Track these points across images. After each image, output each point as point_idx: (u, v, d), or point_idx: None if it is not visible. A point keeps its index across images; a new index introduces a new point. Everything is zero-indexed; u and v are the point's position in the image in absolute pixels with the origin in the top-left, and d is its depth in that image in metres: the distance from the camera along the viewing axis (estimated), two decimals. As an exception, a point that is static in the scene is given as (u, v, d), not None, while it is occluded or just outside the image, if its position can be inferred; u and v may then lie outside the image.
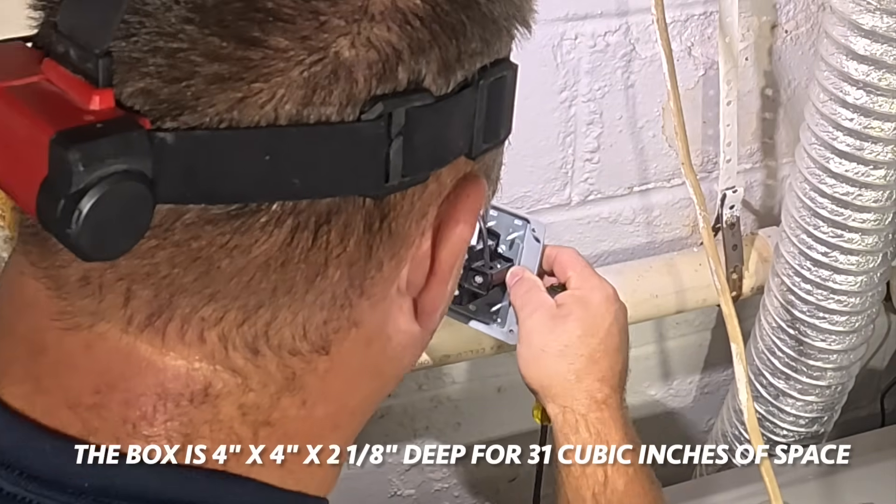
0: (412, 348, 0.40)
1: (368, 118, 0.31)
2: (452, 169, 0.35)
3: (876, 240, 0.89)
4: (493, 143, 0.36)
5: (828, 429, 1.06)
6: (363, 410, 0.40)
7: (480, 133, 0.35)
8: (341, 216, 0.32)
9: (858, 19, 0.77)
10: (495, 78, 0.35)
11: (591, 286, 0.76)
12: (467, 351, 0.97)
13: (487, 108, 0.35)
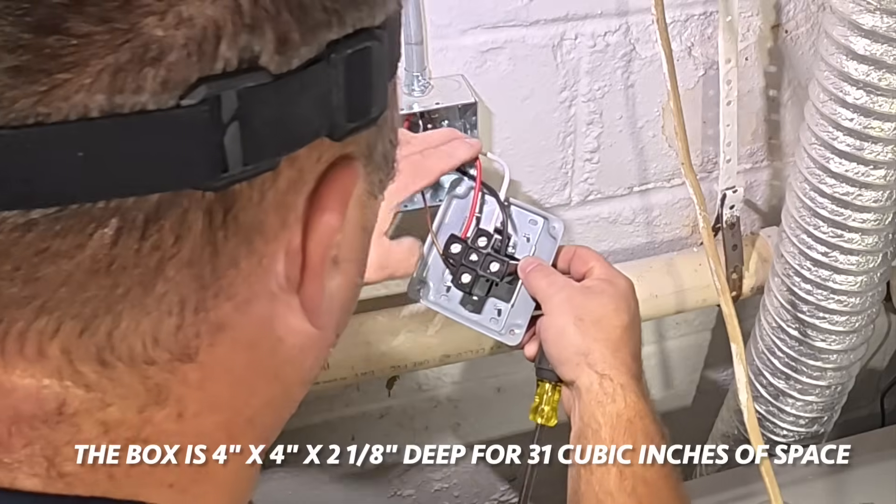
0: (313, 350, 0.38)
1: (190, 103, 0.28)
2: (314, 153, 0.32)
3: (876, 240, 0.89)
4: (362, 121, 0.33)
5: (828, 429, 1.06)
6: (266, 418, 0.38)
7: (342, 111, 0.32)
8: (174, 212, 0.29)
9: (858, 19, 0.77)
10: (354, 50, 0.31)
11: (615, 273, 0.79)
12: (467, 351, 0.97)
13: (347, 83, 0.31)
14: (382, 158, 0.36)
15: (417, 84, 0.85)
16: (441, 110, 0.85)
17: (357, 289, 0.40)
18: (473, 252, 0.79)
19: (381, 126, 0.35)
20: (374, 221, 0.39)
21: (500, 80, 0.90)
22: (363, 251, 0.39)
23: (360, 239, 0.38)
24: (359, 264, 0.39)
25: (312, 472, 1.16)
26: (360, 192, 0.35)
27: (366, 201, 0.37)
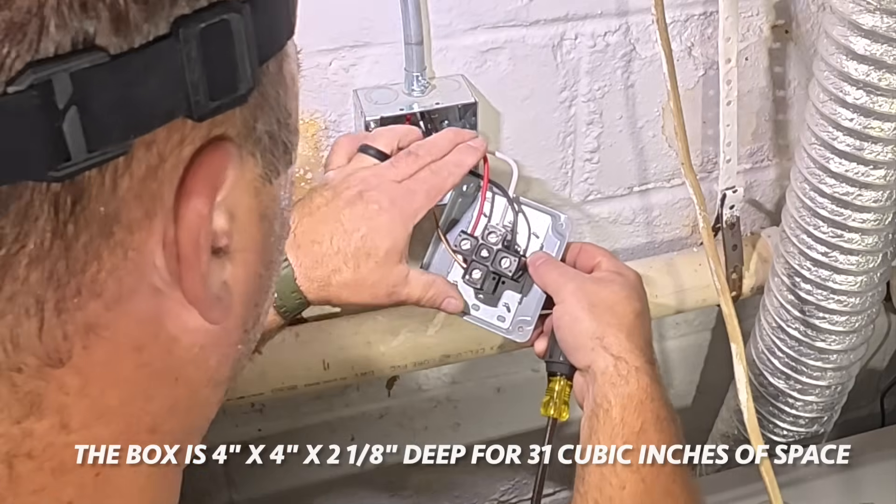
0: (217, 348, 0.36)
1: (17, 90, 0.26)
2: (174, 135, 0.30)
3: (876, 240, 0.89)
4: (227, 98, 0.31)
5: (828, 429, 1.06)
6: (172, 423, 0.36)
7: (201, 89, 0.30)
8: (16, 205, 0.28)
9: (858, 19, 0.77)
10: (209, 24, 0.29)
11: (623, 266, 0.80)
12: (467, 351, 0.97)
13: (204, 59, 0.29)
14: (270, 140, 0.34)
15: (417, 84, 0.85)
16: (441, 110, 0.85)
17: (266, 281, 0.37)
18: (484, 248, 0.79)
19: (261, 104, 0.33)
20: (278, 208, 0.37)
21: (500, 80, 0.90)
22: (266, 240, 0.36)
23: (259, 227, 0.35)
24: (262, 254, 0.36)
25: (312, 472, 1.16)
26: (251, 176, 0.34)
27: (260, 187, 0.35)
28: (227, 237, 0.33)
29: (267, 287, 0.38)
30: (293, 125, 0.36)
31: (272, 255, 0.38)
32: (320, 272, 0.74)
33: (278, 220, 0.37)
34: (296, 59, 0.37)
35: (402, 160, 0.77)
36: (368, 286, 0.75)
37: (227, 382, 0.38)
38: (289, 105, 0.35)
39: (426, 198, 0.76)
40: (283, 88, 0.35)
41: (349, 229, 0.74)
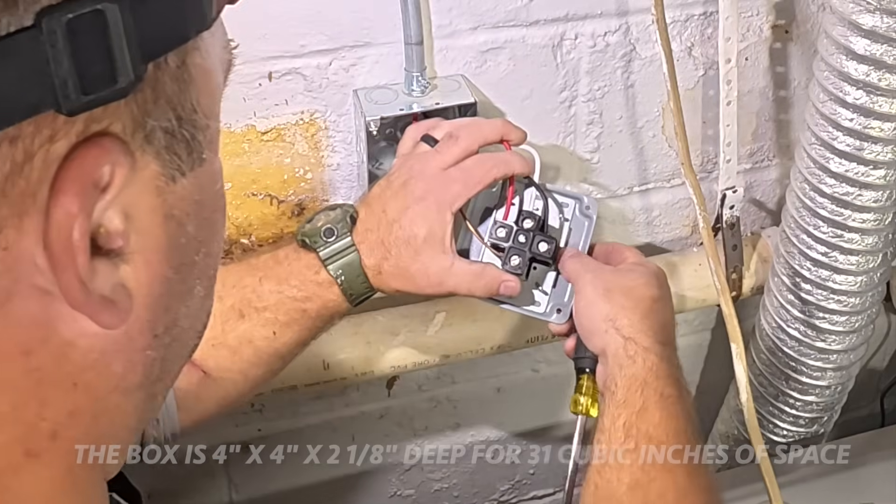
0: (118, 353, 0.34)
1: None
2: (43, 130, 0.29)
3: (876, 240, 0.89)
4: (104, 92, 0.30)
5: (828, 429, 1.06)
6: (76, 430, 0.34)
7: (71, 83, 0.29)
8: None
9: (858, 19, 0.77)
10: (79, 14, 0.28)
11: (647, 260, 0.81)
12: (467, 351, 0.97)
13: (74, 51, 0.28)
14: (168, 136, 0.33)
15: (417, 84, 0.85)
16: (441, 110, 0.85)
17: (178, 285, 0.36)
18: (521, 233, 0.80)
19: (153, 99, 0.32)
20: (191, 208, 0.35)
21: (500, 81, 0.90)
22: (174, 242, 0.35)
23: (163, 228, 0.34)
24: (170, 256, 0.35)
25: (313, 472, 1.16)
26: (149, 175, 0.33)
27: (163, 186, 0.33)
28: (121, 238, 0.32)
29: (181, 291, 0.37)
30: (201, 121, 0.35)
31: (185, 257, 0.36)
32: (373, 260, 0.75)
33: (193, 220, 0.36)
34: (216, 53, 0.36)
35: (444, 145, 0.78)
36: (412, 275, 0.76)
37: (147, 387, 0.37)
38: (195, 100, 0.34)
39: (464, 187, 0.76)
40: (186, 84, 0.33)
41: (391, 219, 0.75)
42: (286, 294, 0.75)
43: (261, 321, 0.75)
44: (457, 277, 0.76)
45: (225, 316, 0.75)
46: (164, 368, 0.38)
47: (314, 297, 0.75)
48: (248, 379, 0.77)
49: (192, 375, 0.74)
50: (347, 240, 0.75)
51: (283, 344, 0.77)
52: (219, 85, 0.37)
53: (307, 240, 0.76)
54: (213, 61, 0.36)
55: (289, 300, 0.75)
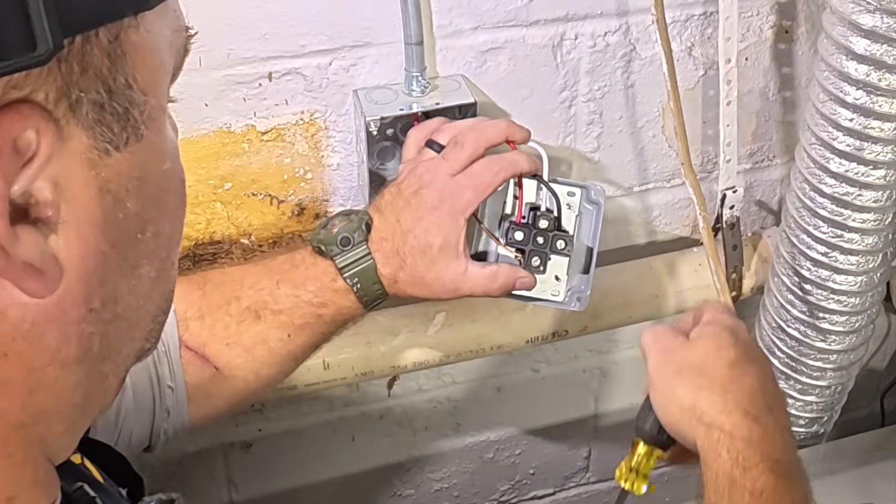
0: (50, 324, 0.34)
1: None
2: None
3: (876, 240, 0.89)
4: (22, 59, 0.30)
5: (828, 429, 1.06)
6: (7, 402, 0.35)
7: None
8: None
9: (858, 19, 0.77)
10: None
11: (720, 312, 0.74)
12: (467, 351, 0.97)
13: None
14: (98, 108, 0.33)
15: (417, 84, 0.85)
16: (441, 110, 0.85)
17: (114, 260, 0.36)
18: (539, 235, 0.80)
19: (80, 71, 0.32)
20: (132, 184, 0.36)
21: (500, 81, 0.90)
22: (110, 216, 0.35)
23: (97, 201, 0.34)
24: (106, 230, 0.35)
25: (313, 472, 1.16)
26: (80, 147, 0.33)
27: (96, 159, 0.34)
28: (51, 208, 0.33)
29: (121, 266, 0.37)
30: (137, 97, 0.35)
31: (125, 233, 0.36)
32: (389, 270, 0.76)
33: (134, 197, 0.36)
34: (163, 35, 0.36)
35: (451, 152, 0.78)
36: (428, 283, 0.77)
37: (89, 364, 0.37)
38: (129, 76, 0.34)
39: (475, 193, 0.77)
40: (119, 59, 0.34)
41: (404, 229, 0.76)
42: (303, 299, 0.76)
43: (276, 323, 0.76)
44: (472, 282, 0.77)
45: (241, 316, 0.76)
46: (108, 346, 0.38)
47: (330, 303, 0.76)
48: (260, 378, 0.78)
49: (205, 371, 0.75)
50: (363, 248, 0.76)
51: (297, 346, 0.78)
52: (162, 64, 0.37)
53: (323, 247, 0.76)
54: (157, 41, 0.36)
55: (305, 304, 0.76)
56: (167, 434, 0.75)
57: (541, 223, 0.81)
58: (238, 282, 0.77)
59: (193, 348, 0.74)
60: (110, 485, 0.50)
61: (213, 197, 0.89)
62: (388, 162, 0.87)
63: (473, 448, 1.23)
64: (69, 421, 0.38)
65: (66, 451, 0.39)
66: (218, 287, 0.77)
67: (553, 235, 0.80)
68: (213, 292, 0.76)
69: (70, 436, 0.39)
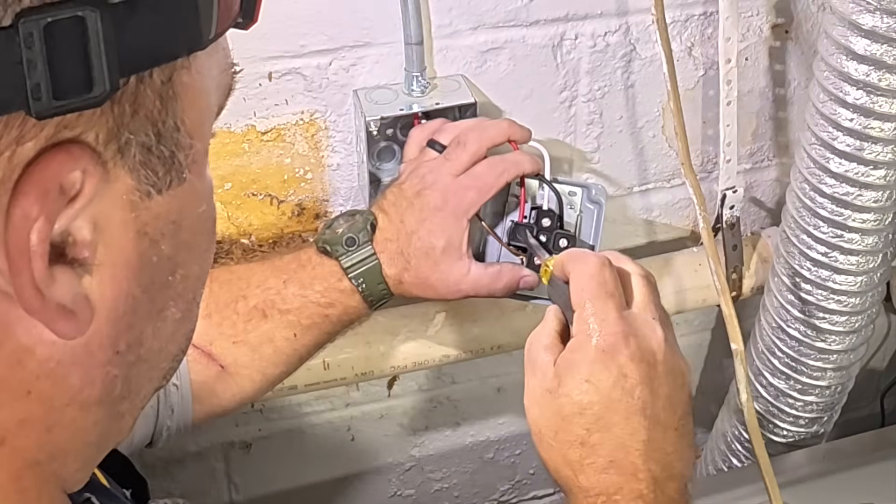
0: (75, 366, 0.34)
1: None
2: (11, 131, 0.29)
3: (876, 240, 0.89)
4: (77, 100, 0.29)
5: (828, 429, 1.06)
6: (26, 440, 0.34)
7: (44, 86, 0.28)
8: None
9: (858, 19, 0.77)
10: (58, 19, 0.28)
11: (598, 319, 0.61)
12: (467, 351, 0.97)
13: (50, 55, 0.28)
14: (144, 151, 0.33)
15: (417, 84, 0.85)
16: (441, 110, 0.85)
17: (145, 305, 0.36)
18: (542, 233, 0.80)
19: (132, 113, 0.32)
20: (168, 227, 0.35)
21: (500, 81, 0.90)
22: (145, 260, 0.34)
23: (134, 244, 0.34)
24: (139, 274, 0.34)
25: (313, 472, 1.16)
26: (123, 189, 0.32)
27: (137, 201, 0.33)
28: (88, 249, 0.32)
29: (150, 310, 0.36)
30: (183, 140, 0.34)
31: (157, 277, 0.36)
32: (394, 270, 0.76)
33: (169, 241, 0.35)
34: (212, 75, 0.35)
35: (453, 152, 0.78)
36: (432, 284, 0.77)
37: (108, 405, 0.36)
38: (178, 119, 0.34)
39: (478, 194, 0.77)
40: (170, 101, 0.33)
41: (409, 231, 0.76)
42: (310, 299, 0.76)
43: (283, 323, 0.76)
44: (476, 282, 0.77)
45: (248, 315, 0.76)
46: (128, 388, 0.37)
47: (336, 303, 0.77)
48: (266, 377, 0.78)
49: (210, 369, 0.75)
50: (368, 249, 0.76)
51: (303, 345, 0.78)
52: (209, 106, 0.36)
53: (328, 247, 0.76)
54: (206, 82, 0.35)
55: (312, 305, 0.76)
56: (170, 431, 0.75)
57: (543, 222, 0.81)
58: (245, 280, 0.77)
59: (199, 346, 0.75)
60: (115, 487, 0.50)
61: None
62: (388, 162, 0.87)
63: (473, 448, 1.23)
64: (84, 459, 0.38)
65: (79, 484, 0.39)
66: (224, 285, 0.77)
67: (555, 235, 0.81)
68: (219, 290, 0.76)
69: (84, 472, 0.39)
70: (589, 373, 0.59)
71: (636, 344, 0.60)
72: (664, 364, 0.61)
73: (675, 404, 0.61)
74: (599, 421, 0.59)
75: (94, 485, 0.47)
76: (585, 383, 0.59)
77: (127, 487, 0.53)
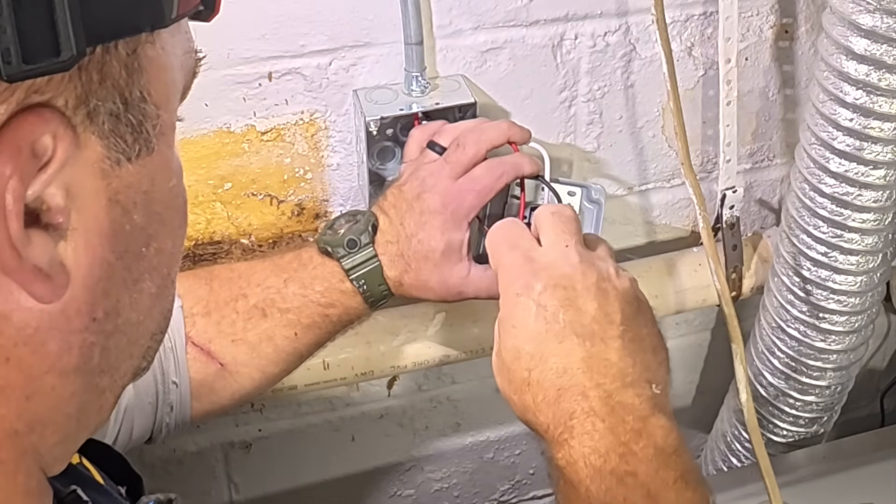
0: (52, 331, 0.34)
1: None
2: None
3: (876, 240, 0.89)
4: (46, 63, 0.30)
5: (828, 429, 1.06)
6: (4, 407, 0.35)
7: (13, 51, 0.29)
8: None
9: (858, 19, 0.77)
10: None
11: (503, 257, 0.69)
12: (467, 351, 0.97)
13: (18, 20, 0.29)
14: (113, 119, 0.34)
15: (417, 84, 0.85)
16: (441, 110, 0.85)
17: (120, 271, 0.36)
18: None
19: (99, 80, 0.33)
20: (140, 196, 0.36)
21: (500, 81, 0.90)
22: (117, 227, 0.35)
23: (106, 212, 0.35)
24: (113, 241, 0.35)
25: (313, 472, 1.16)
26: (94, 156, 0.34)
27: (108, 169, 0.34)
28: (62, 214, 0.33)
29: (125, 279, 0.37)
30: (150, 110, 0.35)
31: (130, 245, 0.36)
32: (394, 272, 0.77)
33: (141, 211, 0.36)
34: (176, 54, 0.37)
35: (453, 155, 0.78)
36: (432, 287, 0.77)
37: (87, 375, 0.37)
38: (144, 89, 0.35)
39: (477, 197, 0.77)
40: (135, 72, 0.34)
41: (408, 233, 0.76)
42: (310, 298, 0.76)
43: (283, 322, 0.76)
44: (476, 284, 0.77)
45: (248, 313, 0.76)
46: (107, 360, 0.38)
47: (337, 303, 0.77)
48: (265, 375, 0.78)
49: (210, 368, 0.75)
50: (370, 250, 0.76)
51: (304, 344, 0.78)
52: (174, 81, 0.37)
53: (329, 248, 0.76)
54: (170, 59, 0.37)
55: (312, 304, 0.76)
56: (169, 427, 0.75)
57: None
58: (245, 279, 0.77)
59: (199, 344, 0.75)
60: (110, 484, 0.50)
61: (213, 197, 0.89)
62: (388, 162, 0.87)
63: (473, 448, 1.23)
64: (64, 432, 0.38)
65: (60, 463, 0.39)
66: (225, 283, 0.77)
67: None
68: (219, 289, 0.76)
69: (63, 448, 0.39)
70: (511, 318, 0.64)
71: (547, 275, 0.63)
72: (583, 282, 0.63)
73: (610, 314, 0.62)
74: (534, 357, 0.62)
75: (86, 480, 0.47)
76: (512, 328, 0.64)
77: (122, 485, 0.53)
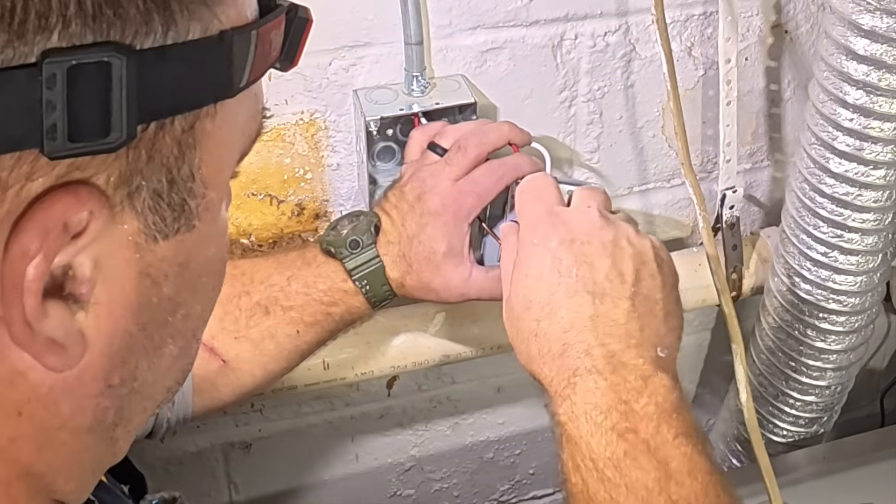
0: (66, 394, 0.34)
1: None
2: (21, 167, 0.29)
3: (876, 240, 0.89)
4: (92, 144, 0.29)
5: (828, 429, 1.06)
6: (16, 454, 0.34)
7: (59, 128, 0.28)
8: None
9: (858, 19, 0.77)
10: (83, 62, 0.28)
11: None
12: (467, 351, 0.97)
13: (70, 97, 0.28)
14: (155, 196, 0.32)
15: (417, 84, 0.85)
16: (441, 110, 0.85)
17: (141, 342, 0.35)
18: None
19: (147, 158, 0.31)
20: (173, 270, 0.35)
21: (500, 81, 0.90)
22: (144, 300, 0.34)
23: (134, 284, 0.34)
24: (137, 313, 0.34)
25: (312, 472, 1.16)
26: (129, 230, 0.32)
27: (142, 243, 0.33)
28: (86, 285, 0.32)
29: (146, 347, 0.36)
30: (197, 189, 0.34)
31: (156, 315, 0.35)
32: (396, 274, 0.77)
33: (172, 282, 0.35)
34: (238, 122, 0.35)
35: (453, 157, 0.78)
36: (434, 288, 0.77)
37: (100, 432, 0.36)
38: (194, 167, 0.33)
39: (478, 199, 0.77)
40: (188, 149, 0.33)
41: (410, 235, 0.76)
42: (313, 297, 0.76)
43: (286, 319, 0.76)
44: (478, 286, 0.77)
45: (251, 311, 0.76)
46: (120, 416, 0.37)
47: (340, 302, 0.77)
48: (267, 372, 0.78)
49: (212, 363, 0.75)
50: (372, 251, 0.76)
51: (305, 342, 0.78)
52: (231, 153, 0.36)
53: (332, 249, 0.77)
54: (231, 130, 0.35)
55: (315, 303, 0.76)
56: (170, 423, 0.75)
57: None
58: (248, 276, 0.77)
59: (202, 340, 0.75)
60: (112, 483, 0.50)
61: (213, 197, 0.89)
62: (388, 162, 0.87)
63: (473, 448, 1.23)
64: (78, 481, 0.38)
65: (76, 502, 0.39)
66: (228, 280, 0.76)
67: None
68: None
69: (79, 492, 0.39)
70: (526, 266, 0.64)
71: (566, 229, 0.64)
72: (601, 238, 0.64)
73: (623, 273, 0.63)
74: (545, 308, 0.62)
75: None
76: (525, 277, 0.63)
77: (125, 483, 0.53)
